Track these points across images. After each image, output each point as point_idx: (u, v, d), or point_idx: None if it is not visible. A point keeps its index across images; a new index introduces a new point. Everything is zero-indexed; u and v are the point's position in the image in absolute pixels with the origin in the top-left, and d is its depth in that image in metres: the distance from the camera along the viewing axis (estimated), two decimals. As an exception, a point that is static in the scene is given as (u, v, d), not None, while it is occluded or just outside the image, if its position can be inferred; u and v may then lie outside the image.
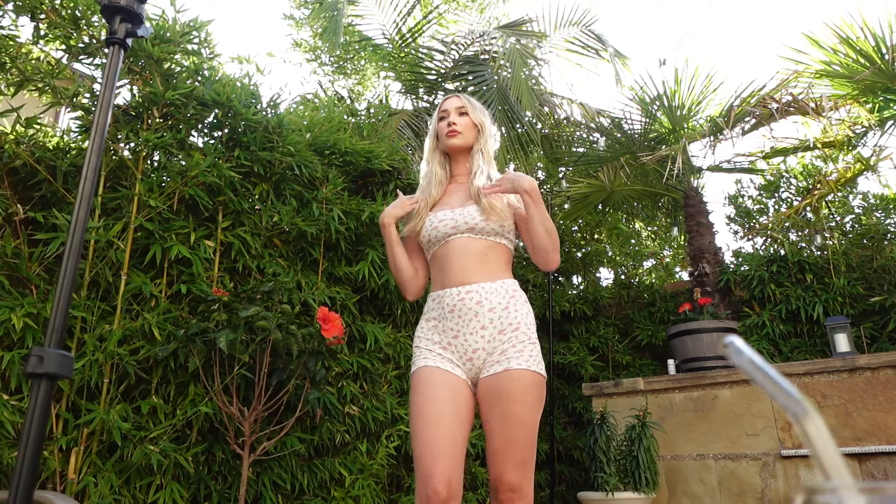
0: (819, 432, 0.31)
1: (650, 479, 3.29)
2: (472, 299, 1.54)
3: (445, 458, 1.37)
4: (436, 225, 1.67)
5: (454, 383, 1.50)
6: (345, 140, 3.11)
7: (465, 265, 1.59)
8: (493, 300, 1.55)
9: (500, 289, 1.57)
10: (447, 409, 1.44)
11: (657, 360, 4.95)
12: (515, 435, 1.41)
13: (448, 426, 1.41)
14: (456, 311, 1.55)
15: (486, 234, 1.63)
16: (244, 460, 2.13)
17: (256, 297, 2.27)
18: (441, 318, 1.58)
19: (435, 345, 1.57)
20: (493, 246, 1.64)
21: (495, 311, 1.53)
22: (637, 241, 6.23)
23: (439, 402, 1.45)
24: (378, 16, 5.18)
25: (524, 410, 1.42)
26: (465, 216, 1.64)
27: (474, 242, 1.62)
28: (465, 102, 1.81)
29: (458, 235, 1.63)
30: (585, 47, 5.41)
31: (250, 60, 2.92)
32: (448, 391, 1.47)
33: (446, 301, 1.57)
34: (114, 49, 1.24)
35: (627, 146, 5.16)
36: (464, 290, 1.56)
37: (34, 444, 0.96)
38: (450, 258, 1.62)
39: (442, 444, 1.39)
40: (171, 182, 2.40)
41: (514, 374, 1.45)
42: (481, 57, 4.99)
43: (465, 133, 1.77)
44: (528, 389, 1.45)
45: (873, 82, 4.23)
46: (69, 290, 1.07)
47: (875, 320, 4.07)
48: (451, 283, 1.59)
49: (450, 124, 1.77)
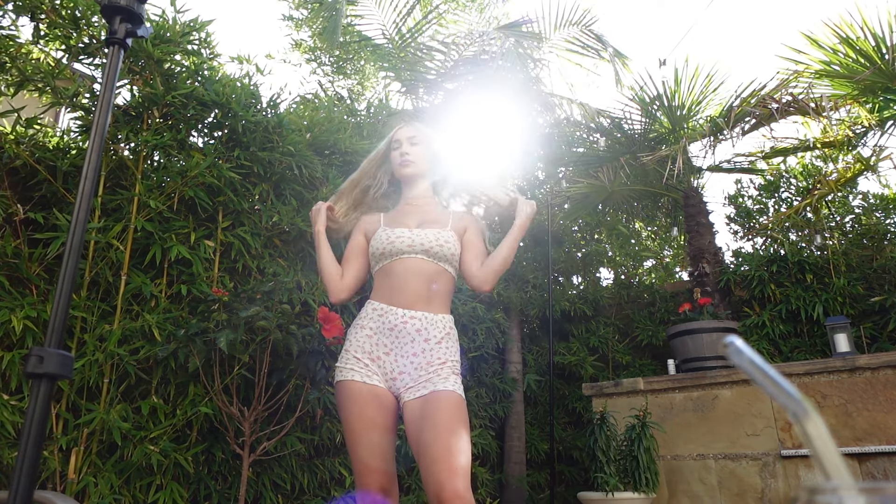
0: (819, 432, 0.31)
1: (650, 479, 3.29)
2: (413, 326, 1.63)
3: (378, 472, 1.53)
4: (392, 240, 1.73)
5: (381, 399, 1.60)
6: (345, 140, 3.11)
7: (414, 290, 1.68)
8: (431, 332, 1.64)
9: (440, 323, 1.66)
10: (377, 428, 1.56)
11: (657, 360, 4.95)
12: (451, 444, 1.47)
13: (377, 444, 1.54)
14: (395, 331, 1.63)
15: (439, 259, 1.71)
16: (244, 460, 2.13)
17: (256, 297, 2.27)
18: (378, 332, 1.65)
19: (364, 354, 1.64)
20: (443, 273, 1.72)
21: (430, 343, 1.62)
22: (637, 242, 6.23)
23: (370, 423, 1.56)
24: (378, 16, 5.18)
25: (454, 422, 1.50)
26: (421, 238, 1.72)
27: (426, 265, 1.70)
28: (416, 132, 1.88)
29: (411, 255, 1.71)
30: (585, 47, 5.41)
31: (250, 61, 2.92)
32: (376, 410, 1.58)
33: (389, 318, 1.65)
34: (114, 49, 1.24)
35: (627, 146, 5.15)
36: (408, 314, 1.65)
37: (34, 444, 0.96)
38: (400, 277, 1.70)
39: (375, 462, 1.53)
40: (171, 182, 2.40)
41: (443, 395, 1.54)
42: (481, 57, 4.99)
43: (418, 162, 1.85)
44: (456, 407, 1.53)
45: (873, 82, 4.23)
46: (69, 290, 1.07)
47: (875, 320, 4.07)
48: (398, 302, 1.67)
49: (402, 154, 1.85)
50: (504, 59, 4.54)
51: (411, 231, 1.75)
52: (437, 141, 1.93)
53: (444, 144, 1.94)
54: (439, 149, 1.91)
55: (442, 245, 1.72)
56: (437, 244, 1.72)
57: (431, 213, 1.84)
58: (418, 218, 1.82)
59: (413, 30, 5.17)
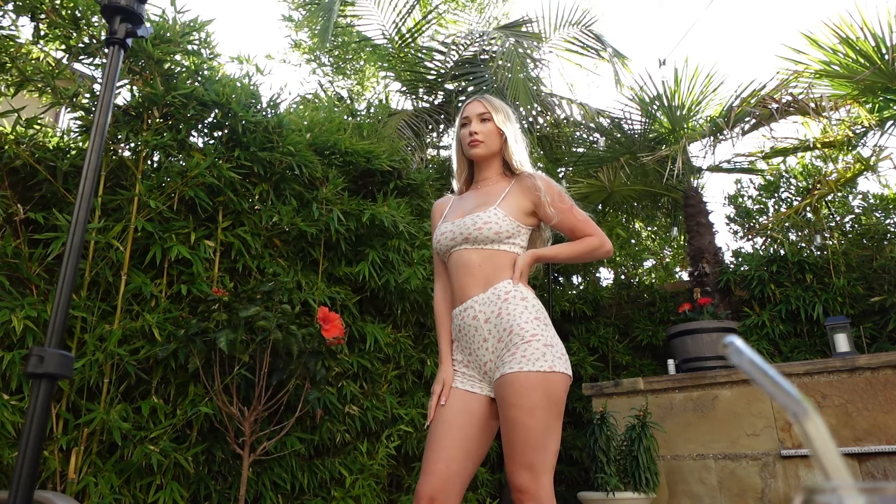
0: (819, 432, 0.31)
1: (650, 480, 3.29)
2: (470, 315, 1.56)
3: (434, 475, 1.43)
4: (439, 238, 1.67)
5: (467, 404, 1.52)
6: (345, 140, 3.11)
7: (463, 281, 1.60)
8: (487, 311, 1.54)
9: (492, 297, 1.55)
10: (449, 431, 1.48)
11: (657, 360, 4.95)
12: (514, 438, 1.40)
13: (444, 447, 1.46)
14: (464, 330, 1.58)
15: (482, 242, 1.59)
16: (244, 460, 2.13)
17: (256, 297, 2.27)
18: (458, 337, 1.61)
19: (459, 364, 1.60)
20: (492, 255, 1.59)
21: (490, 322, 1.53)
22: (637, 242, 6.23)
23: (444, 424, 1.50)
24: (377, 16, 5.18)
25: (519, 413, 1.40)
26: (461, 227, 1.62)
27: (471, 254, 1.60)
28: (487, 108, 1.72)
29: (458, 248, 1.62)
30: (585, 47, 5.41)
31: (250, 61, 2.92)
32: (456, 414, 1.50)
33: (457, 322, 1.61)
34: (114, 49, 1.24)
35: (627, 146, 5.16)
36: (463, 308, 1.58)
37: (34, 444, 0.96)
38: (453, 272, 1.64)
39: (435, 465, 1.45)
40: (171, 182, 2.40)
41: (507, 380, 1.44)
42: (481, 57, 4.99)
43: (488, 141, 1.70)
44: (523, 392, 1.40)
45: (873, 82, 4.23)
46: (69, 290, 1.07)
47: (875, 320, 4.07)
48: (457, 300, 1.61)
49: (471, 133, 1.70)
50: (504, 59, 4.54)
51: (454, 223, 1.65)
52: (513, 118, 1.76)
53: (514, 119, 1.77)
54: (515, 127, 1.74)
55: (480, 228, 1.58)
56: (476, 228, 1.58)
57: (491, 193, 1.68)
58: (476, 202, 1.68)
59: (413, 30, 5.17)
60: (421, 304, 3.22)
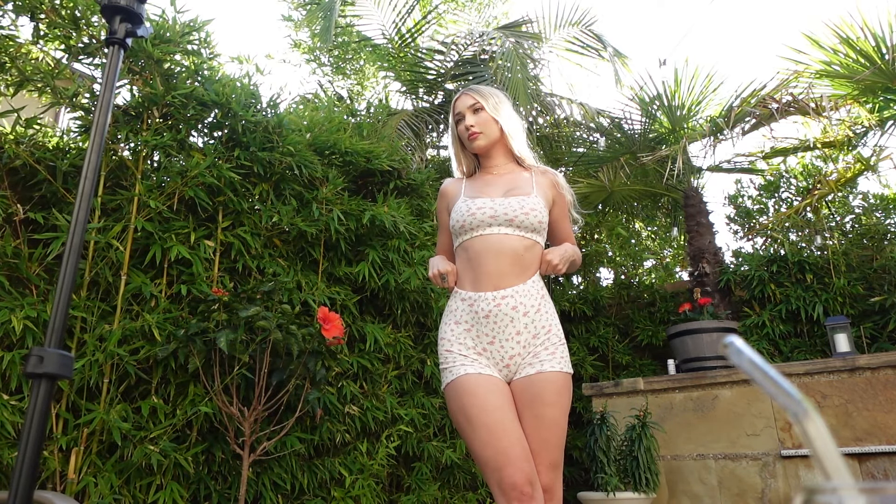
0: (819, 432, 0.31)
1: (650, 480, 3.29)
2: (508, 304, 1.49)
3: (521, 460, 1.36)
4: (473, 211, 1.57)
5: (501, 388, 1.46)
6: (345, 140, 3.11)
7: (500, 267, 1.52)
8: (527, 304, 1.50)
9: (532, 290, 1.52)
10: (507, 415, 1.41)
11: (657, 360, 4.95)
12: (549, 437, 1.41)
13: (512, 431, 1.39)
14: (492, 318, 1.49)
15: (526, 229, 1.54)
16: (244, 460, 2.13)
17: (256, 297, 2.27)
18: (475, 323, 1.52)
19: (470, 350, 1.51)
20: (532, 246, 1.56)
21: (529, 316, 1.49)
22: (637, 242, 6.23)
23: (497, 410, 1.40)
24: (377, 16, 5.18)
25: (557, 412, 1.43)
26: (505, 207, 1.55)
27: (511, 240, 1.53)
28: (476, 98, 1.70)
29: (495, 228, 1.54)
30: (585, 47, 5.41)
31: (250, 60, 2.92)
32: (500, 398, 1.44)
33: (481, 306, 1.51)
34: (114, 49, 1.24)
35: (627, 146, 5.16)
36: (499, 295, 1.50)
37: (34, 444, 0.96)
38: (484, 255, 1.54)
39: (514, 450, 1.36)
40: (171, 182, 2.40)
41: (548, 377, 1.45)
42: (481, 57, 4.99)
43: (486, 130, 1.68)
44: (561, 391, 1.46)
45: (873, 82, 4.23)
46: (69, 290, 1.07)
47: (875, 320, 4.07)
48: (485, 285, 1.52)
49: (468, 128, 1.68)
50: (504, 59, 4.54)
51: (493, 200, 1.57)
52: (505, 100, 1.73)
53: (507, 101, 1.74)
54: (507, 107, 1.71)
55: (528, 213, 1.54)
56: (523, 212, 1.54)
57: (517, 180, 1.66)
58: (503, 187, 1.64)
59: (412, 30, 5.17)
60: (421, 304, 3.22)
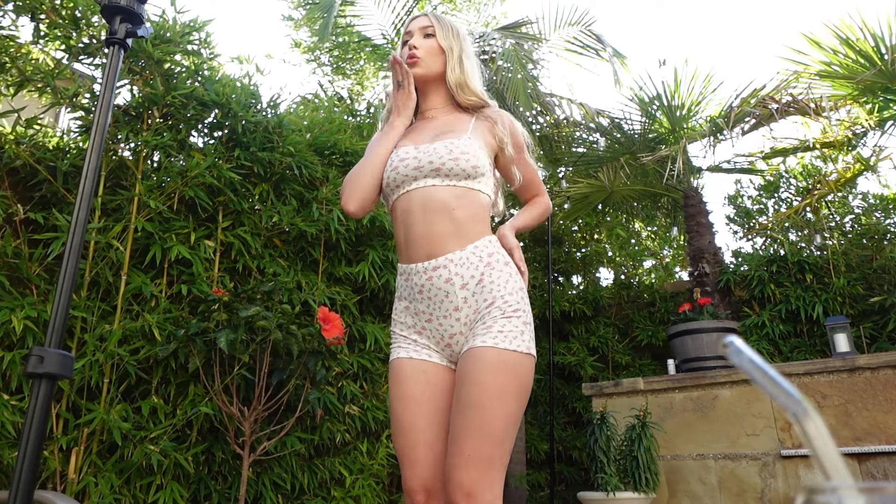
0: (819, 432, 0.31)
1: (650, 479, 3.29)
2: (441, 277, 1.25)
3: (419, 464, 1.23)
4: (395, 165, 1.32)
5: (428, 375, 1.27)
6: (345, 140, 3.11)
7: (430, 229, 1.27)
8: (466, 274, 1.25)
9: (473, 257, 1.26)
10: (420, 410, 1.25)
11: (657, 360, 4.95)
12: (471, 424, 1.13)
13: (421, 430, 1.24)
14: (425, 293, 1.27)
15: (457, 177, 1.28)
16: (244, 460, 2.13)
17: (256, 297, 2.27)
18: (411, 300, 1.31)
19: (408, 329, 1.32)
20: (466, 195, 1.29)
21: (468, 288, 1.24)
22: (637, 242, 6.23)
23: (411, 403, 1.25)
24: (377, 16, 5.19)
25: (485, 395, 1.14)
26: (429, 154, 1.29)
27: (441, 191, 1.28)
28: (432, 21, 1.45)
29: (420, 181, 1.29)
30: (585, 47, 5.40)
31: (250, 61, 2.92)
32: (420, 387, 1.26)
33: (413, 280, 1.29)
34: (114, 49, 1.24)
35: (627, 146, 5.16)
36: (430, 265, 1.26)
37: (34, 444, 0.96)
38: (411, 216, 1.29)
39: (415, 452, 1.24)
40: (171, 182, 2.40)
41: (476, 353, 1.18)
42: (480, 58, 4.99)
43: (428, 59, 1.41)
44: (497, 370, 1.16)
45: (873, 83, 4.24)
46: (69, 290, 1.07)
47: (875, 320, 4.07)
48: (416, 255, 1.28)
49: (410, 47, 1.42)
50: (504, 59, 4.54)
51: (417, 148, 1.32)
52: (466, 39, 1.47)
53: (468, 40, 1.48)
54: (464, 46, 1.45)
55: (457, 158, 1.27)
56: (451, 157, 1.27)
57: (452, 122, 1.39)
58: (433, 132, 1.37)
59: (413, 30, 5.17)
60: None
